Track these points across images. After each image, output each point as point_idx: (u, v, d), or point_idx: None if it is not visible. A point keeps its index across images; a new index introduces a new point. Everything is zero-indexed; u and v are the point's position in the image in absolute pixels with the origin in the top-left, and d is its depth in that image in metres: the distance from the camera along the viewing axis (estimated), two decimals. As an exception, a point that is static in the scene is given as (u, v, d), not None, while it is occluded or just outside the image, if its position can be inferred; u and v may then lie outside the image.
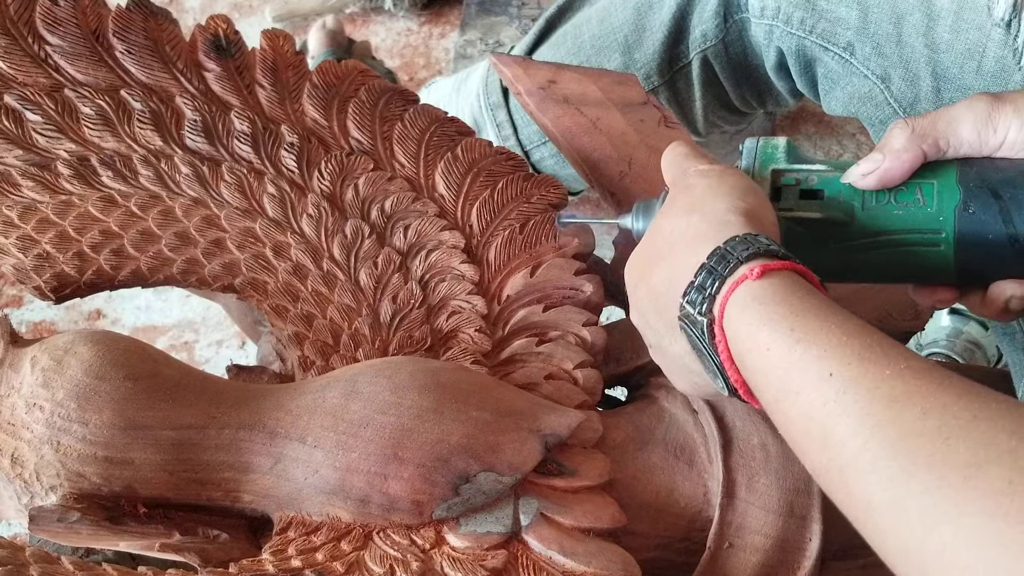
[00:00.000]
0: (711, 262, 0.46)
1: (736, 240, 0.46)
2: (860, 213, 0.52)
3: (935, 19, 0.70)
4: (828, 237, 0.53)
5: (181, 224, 0.68)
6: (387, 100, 0.69)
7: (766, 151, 0.55)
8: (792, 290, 0.44)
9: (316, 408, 0.56)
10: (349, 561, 0.53)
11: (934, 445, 0.36)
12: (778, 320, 0.43)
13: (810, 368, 0.41)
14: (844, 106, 0.80)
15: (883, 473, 0.37)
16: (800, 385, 0.41)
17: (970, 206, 0.49)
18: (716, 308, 0.45)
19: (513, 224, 0.67)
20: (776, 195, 0.54)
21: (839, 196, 0.52)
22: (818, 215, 0.52)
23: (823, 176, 0.53)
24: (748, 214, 0.48)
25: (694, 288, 0.47)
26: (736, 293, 0.45)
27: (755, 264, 0.45)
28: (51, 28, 0.65)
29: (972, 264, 0.50)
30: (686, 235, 0.49)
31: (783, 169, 0.54)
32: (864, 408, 0.38)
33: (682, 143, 0.57)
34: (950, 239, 0.50)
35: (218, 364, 1.19)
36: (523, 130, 1.02)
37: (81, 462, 0.54)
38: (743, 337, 0.44)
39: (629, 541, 0.57)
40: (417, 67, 1.42)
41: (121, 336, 0.58)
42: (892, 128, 0.51)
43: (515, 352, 0.64)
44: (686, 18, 0.89)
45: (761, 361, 0.43)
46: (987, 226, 0.49)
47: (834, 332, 0.41)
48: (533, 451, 0.55)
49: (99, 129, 0.67)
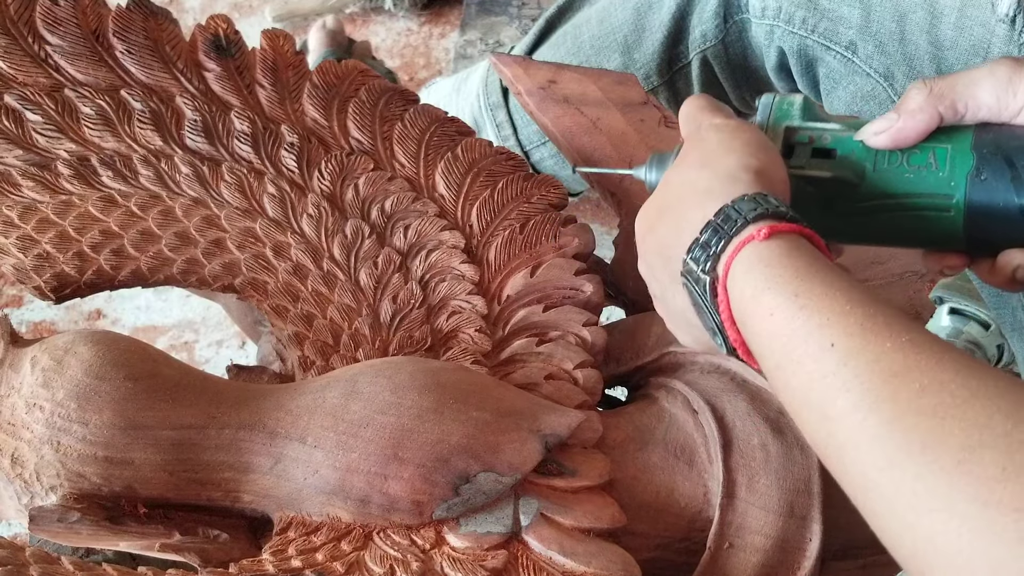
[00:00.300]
0: (717, 220, 0.46)
1: (744, 199, 0.46)
2: (871, 174, 0.51)
3: (938, 16, 0.70)
4: (838, 197, 0.52)
5: (181, 224, 0.68)
6: (387, 100, 0.69)
7: (781, 107, 0.54)
8: (798, 254, 0.43)
9: (316, 408, 0.56)
10: (349, 561, 0.53)
11: (930, 424, 0.35)
12: (783, 284, 0.42)
13: (812, 337, 0.40)
14: (847, 105, 0.80)
15: (879, 453, 0.36)
16: (802, 354, 0.40)
17: (983, 173, 0.48)
18: (720, 267, 0.45)
19: (513, 224, 0.67)
20: (788, 152, 0.53)
21: (851, 156, 0.52)
22: (828, 174, 0.51)
23: (836, 135, 0.53)
24: (758, 172, 0.47)
25: (699, 245, 0.46)
26: (741, 253, 0.44)
27: (762, 225, 0.44)
28: (51, 28, 0.65)
29: (982, 232, 0.50)
30: (695, 189, 0.48)
31: (796, 127, 0.53)
32: (864, 382, 0.38)
33: (701, 96, 0.56)
34: (960, 205, 0.49)
35: (218, 364, 1.19)
36: (523, 130, 1.02)
37: (81, 462, 0.54)
38: (747, 299, 0.44)
39: (629, 541, 0.57)
40: (417, 67, 1.42)
41: (121, 336, 0.58)
42: (910, 88, 0.50)
43: (515, 352, 0.64)
44: (686, 18, 0.89)
45: (763, 325, 0.43)
46: (999, 194, 0.48)
47: (838, 299, 0.41)
48: (533, 451, 0.55)
49: (99, 129, 0.67)
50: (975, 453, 0.34)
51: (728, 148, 0.49)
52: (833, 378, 0.39)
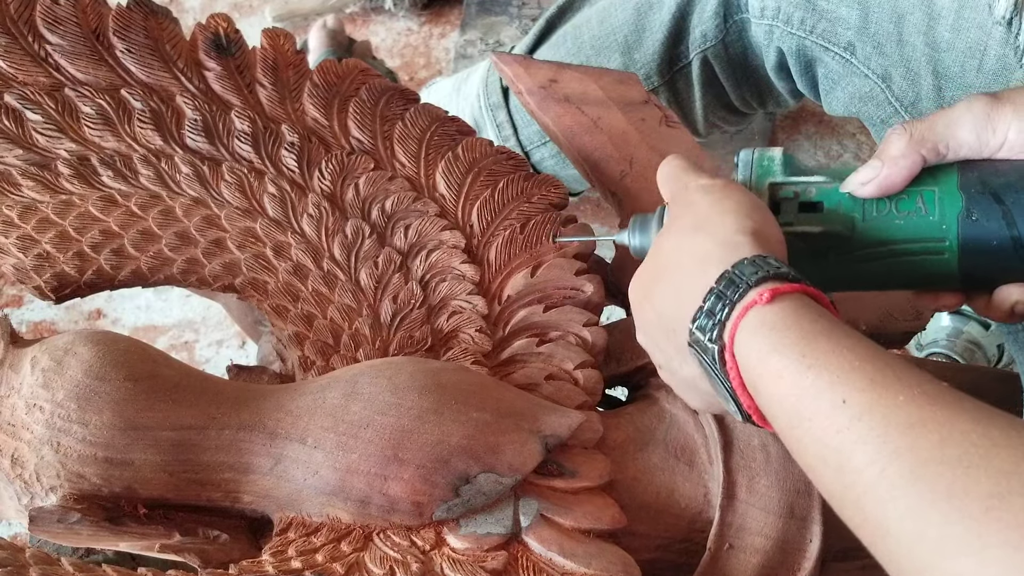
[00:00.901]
0: (720, 286, 0.45)
1: (745, 263, 0.45)
2: (861, 224, 0.51)
3: (936, 18, 0.70)
4: (830, 249, 0.52)
5: (181, 224, 0.68)
6: (388, 99, 0.69)
7: (762, 164, 0.54)
8: (802, 313, 0.43)
9: (316, 409, 0.56)
10: (349, 562, 0.53)
11: (954, 474, 0.35)
12: (789, 346, 0.42)
13: (823, 395, 0.40)
14: (845, 106, 0.80)
15: (901, 502, 0.36)
16: (813, 412, 0.40)
17: (973, 213, 0.49)
18: (726, 335, 0.45)
19: (514, 224, 0.67)
20: (775, 209, 0.53)
21: (839, 207, 0.52)
22: (818, 229, 0.51)
23: (821, 188, 0.52)
24: (755, 233, 0.47)
25: (703, 313, 0.46)
26: (746, 319, 0.44)
27: (764, 288, 0.44)
28: (51, 27, 0.65)
29: (977, 270, 0.50)
30: (693, 255, 0.48)
31: (780, 182, 0.53)
32: (880, 435, 0.38)
33: (678, 156, 0.56)
34: (954, 247, 0.49)
35: (218, 364, 1.19)
36: (523, 130, 1.02)
37: (81, 463, 0.54)
38: (754, 363, 0.44)
39: (629, 542, 0.57)
40: (417, 67, 1.42)
41: (121, 336, 0.58)
42: (889, 134, 0.50)
43: (515, 352, 0.64)
44: (686, 18, 0.89)
45: (773, 388, 0.43)
46: (991, 232, 0.48)
47: (846, 356, 0.41)
48: (533, 452, 0.55)
49: (99, 128, 0.66)
50: (1004, 500, 0.34)
51: (721, 210, 0.49)
52: (848, 432, 0.39)
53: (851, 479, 0.38)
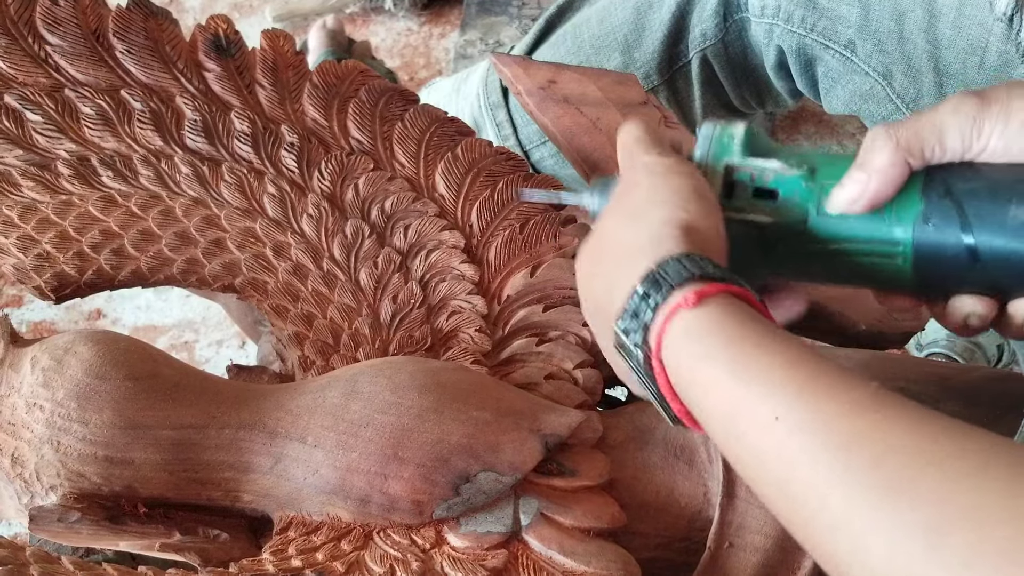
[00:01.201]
0: (643, 287, 0.43)
1: (669, 262, 0.43)
2: (815, 218, 0.48)
3: (937, 15, 0.70)
4: (780, 240, 0.49)
5: (181, 224, 0.68)
6: (387, 100, 0.69)
7: (721, 141, 0.50)
8: (730, 317, 0.41)
9: (316, 408, 0.56)
10: (349, 561, 0.53)
11: (896, 502, 0.34)
12: (716, 355, 0.40)
13: (755, 411, 0.39)
14: (845, 104, 0.80)
15: (845, 532, 0.35)
16: (747, 428, 0.39)
17: (931, 218, 0.46)
18: (652, 340, 0.43)
19: (513, 224, 0.67)
20: (729, 191, 0.50)
21: (794, 196, 0.49)
22: (769, 220, 0.49)
23: (779, 174, 0.49)
24: (687, 228, 0.45)
25: (628, 315, 0.44)
26: (671, 325, 0.42)
27: (689, 290, 0.42)
28: (51, 28, 0.65)
29: (931, 278, 0.47)
30: (624, 245, 0.46)
31: (737, 164, 0.50)
32: (816, 456, 0.36)
33: (636, 124, 0.52)
34: (907, 252, 0.47)
35: (218, 364, 1.19)
36: (523, 130, 1.02)
37: (81, 462, 0.54)
38: (683, 371, 0.42)
39: (629, 541, 0.57)
40: (417, 67, 1.42)
41: (121, 336, 0.58)
42: (873, 140, 0.47)
43: (515, 352, 0.64)
44: (686, 17, 0.89)
45: (704, 401, 0.41)
46: (947, 241, 0.46)
47: (776, 364, 0.39)
48: (533, 451, 0.55)
49: (99, 129, 0.67)
50: (943, 535, 0.32)
51: (656, 198, 0.47)
52: (782, 449, 0.37)
53: (794, 505, 0.37)
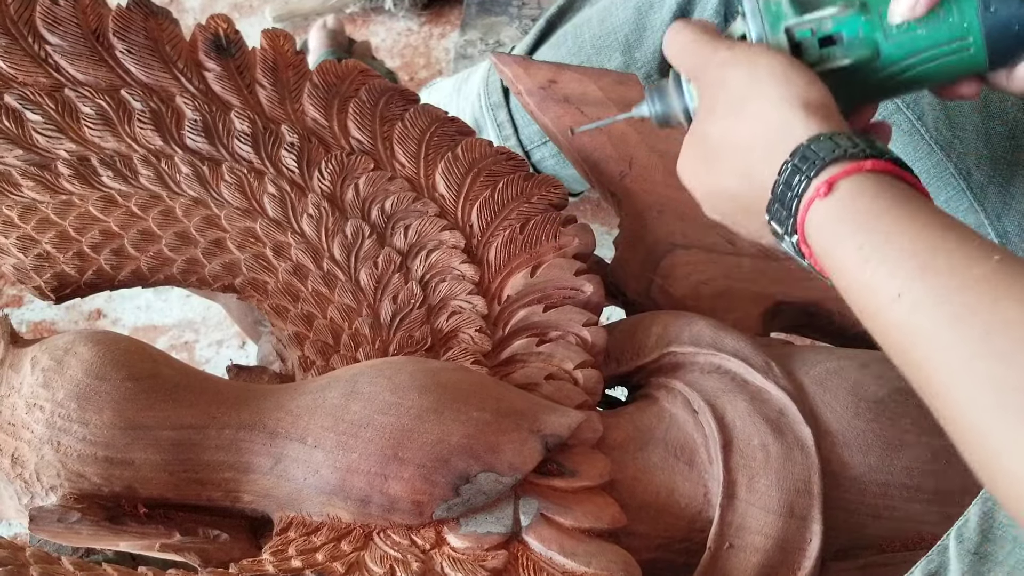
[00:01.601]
0: (783, 178, 0.46)
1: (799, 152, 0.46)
2: (885, 45, 0.52)
3: None
4: (858, 73, 0.53)
5: (181, 224, 0.68)
6: (387, 100, 0.69)
7: (770, 8, 0.53)
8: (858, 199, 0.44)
9: (316, 408, 0.56)
10: (349, 561, 0.53)
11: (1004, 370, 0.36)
12: (846, 238, 0.43)
13: (881, 289, 0.41)
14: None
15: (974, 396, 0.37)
16: (876, 306, 0.42)
17: (991, 5, 0.50)
18: (797, 227, 0.46)
19: (513, 224, 0.67)
20: (796, 52, 0.53)
21: (859, 33, 0.52)
22: (846, 62, 0.52)
23: (837, 18, 0.52)
24: (804, 103, 0.47)
25: (775, 203, 0.47)
26: (810, 213, 0.45)
27: (821, 180, 0.44)
28: (51, 28, 0.65)
29: (1003, 56, 0.51)
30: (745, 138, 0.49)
31: (794, 24, 0.53)
32: (934, 330, 0.39)
33: (688, 26, 0.55)
34: (979, 41, 0.50)
35: (218, 364, 1.19)
36: (523, 130, 1.02)
37: (81, 462, 0.54)
38: (822, 255, 0.45)
39: (629, 541, 0.57)
40: (417, 67, 1.42)
41: (121, 336, 0.58)
42: None
43: (515, 352, 0.64)
44: (687, 16, 0.89)
45: (841, 280, 0.44)
46: (1012, 17, 0.50)
47: (902, 243, 0.41)
48: (533, 451, 0.55)
49: (99, 129, 0.67)
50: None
51: (754, 88, 0.49)
52: (904, 328, 0.40)
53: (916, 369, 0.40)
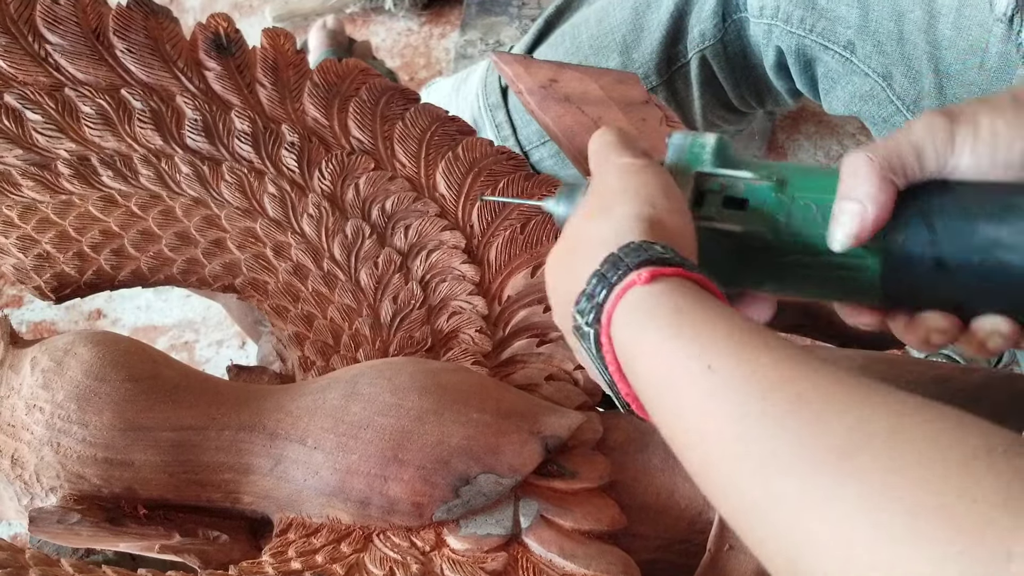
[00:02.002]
0: (603, 269, 0.44)
1: (630, 247, 0.44)
2: (784, 229, 0.49)
3: (936, 16, 0.70)
4: (750, 249, 0.50)
5: (181, 224, 0.68)
6: (388, 99, 0.69)
7: (693, 150, 0.51)
8: (680, 293, 0.42)
9: (316, 409, 0.56)
10: (349, 563, 0.53)
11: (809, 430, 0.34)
12: (663, 321, 0.41)
13: (691, 362, 0.39)
14: (845, 105, 0.80)
15: (755, 462, 0.35)
16: (681, 382, 0.39)
17: (901, 234, 0.46)
18: (604, 317, 0.44)
19: (514, 224, 0.67)
20: (699, 200, 0.50)
21: (764, 208, 0.49)
22: (739, 228, 0.49)
23: (750, 184, 0.50)
24: (653, 221, 0.45)
25: (584, 296, 0.45)
26: (624, 299, 0.43)
27: (644, 270, 0.42)
28: (51, 27, 0.65)
29: (898, 291, 0.48)
30: (591, 239, 0.47)
31: (708, 173, 0.50)
32: (740, 397, 0.37)
33: (610, 130, 0.53)
34: (876, 266, 0.47)
35: (218, 364, 1.19)
36: (522, 130, 1.02)
37: (81, 463, 0.53)
38: (629, 342, 0.43)
39: (629, 543, 0.57)
40: (417, 67, 1.42)
41: (121, 337, 0.58)
42: (854, 167, 0.46)
43: (516, 353, 0.64)
44: (684, 18, 0.89)
45: (646, 364, 0.42)
46: (915, 254, 0.46)
47: (718, 327, 0.40)
48: (533, 453, 0.55)
49: (99, 128, 0.66)
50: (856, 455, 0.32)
51: (626, 195, 0.47)
52: (711, 399, 0.38)
53: (710, 446, 0.37)
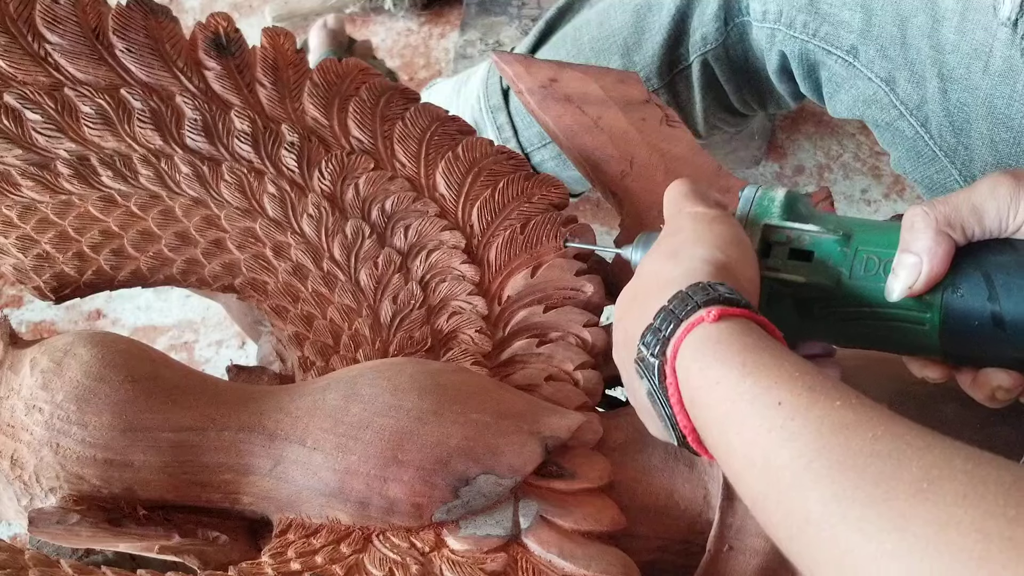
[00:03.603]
0: (671, 304, 0.45)
1: (699, 286, 0.45)
2: (847, 281, 0.50)
3: (940, 20, 0.69)
4: (813, 301, 0.51)
5: (181, 224, 0.68)
6: (388, 99, 0.69)
7: (762, 203, 0.53)
8: (747, 332, 0.43)
9: (316, 410, 0.56)
10: (348, 564, 0.53)
11: (884, 464, 0.35)
12: (730, 356, 0.42)
13: (759, 398, 0.40)
14: (849, 109, 0.80)
15: (826, 489, 0.36)
16: (747, 414, 0.40)
17: (959, 288, 0.47)
18: (669, 350, 0.45)
19: (514, 224, 0.67)
20: (766, 251, 0.52)
21: (828, 259, 0.51)
22: (803, 280, 0.51)
23: (816, 237, 0.51)
24: (722, 266, 0.47)
25: (651, 331, 0.46)
26: (691, 336, 0.44)
27: (712, 308, 0.44)
28: (51, 26, 0.65)
29: (958, 347, 0.49)
30: (659, 279, 0.48)
31: (776, 225, 0.52)
32: (812, 432, 0.37)
33: (686, 182, 0.55)
34: (935, 320, 0.48)
35: (218, 364, 1.19)
36: (523, 132, 1.02)
37: (80, 464, 0.53)
38: (694, 376, 0.43)
39: (629, 543, 0.57)
40: (417, 67, 1.42)
41: (121, 337, 0.58)
42: (913, 222, 0.48)
43: (516, 353, 0.64)
44: (686, 21, 0.89)
45: (710, 395, 0.42)
46: (974, 311, 0.47)
47: (785, 367, 0.40)
48: (533, 453, 0.55)
49: (99, 128, 0.66)
50: (934, 484, 0.33)
51: (698, 240, 0.49)
52: (779, 431, 0.38)
53: (776, 475, 0.38)
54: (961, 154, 0.74)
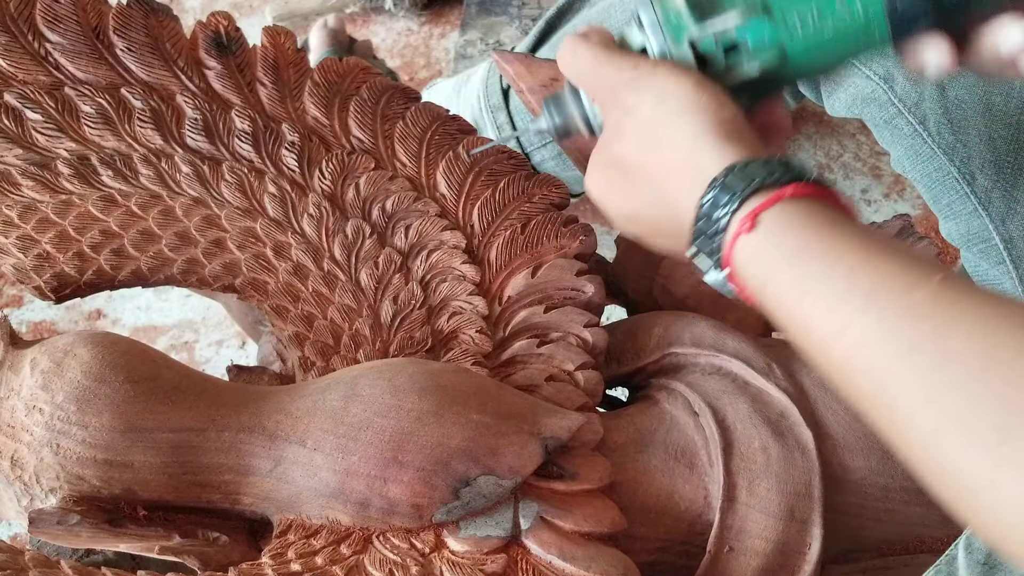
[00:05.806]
0: (703, 213, 0.45)
1: (716, 185, 0.44)
2: (791, 45, 0.49)
3: None
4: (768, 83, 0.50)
5: (181, 224, 0.67)
6: (389, 98, 0.69)
7: (669, 19, 0.50)
8: (786, 230, 0.43)
9: (316, 410, 0.55)
10: (349, 565, 0.53)
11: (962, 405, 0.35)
12: (780, 273, 0.42)
13: (824, 324, 0.40)
14: (847, 107, 0.80)
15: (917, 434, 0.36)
16: (821, 341, 0.40)
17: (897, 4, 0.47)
18: (724, 263, 0.45)
19: (515, 224, 0.67)
20: (701, 64, 0.50)
21: (764, 39, 0.49)
22: (755, 71, 0.49)
23: (740, 26, 0.49)
24: (715, 130, 0.46)
25: (698, 238, 0.46)
26: (736, 249, 0.44)
27: (744, 215, 0.43)
28: (51, 25, 0.65)
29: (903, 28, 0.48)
30: (662, 163, 0.47)
31: (697, 36, 0.49)
32: (883, 364, 0.37)
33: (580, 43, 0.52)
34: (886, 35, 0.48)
35: (218, 364, 1.19)
36: (524, 132, 1.02)
37: (81, 465, 0.53)
38: (756, 290, 0.44)
39: (629, 544, 0.56)
40: (417, 67, 1.42)
41: (121, 338, 0.58)
42: None
43: (516, 353, 0.64)
44: None
45: (780, 313, 0.43)
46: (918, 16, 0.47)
47: (839, 273, 0.40)
48: (533, 454, 0.55)
49: (99, 128, 0.66)
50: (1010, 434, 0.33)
51: (669, 118, 0.47)
52: (855, 362, 0.39)
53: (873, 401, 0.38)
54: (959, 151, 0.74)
